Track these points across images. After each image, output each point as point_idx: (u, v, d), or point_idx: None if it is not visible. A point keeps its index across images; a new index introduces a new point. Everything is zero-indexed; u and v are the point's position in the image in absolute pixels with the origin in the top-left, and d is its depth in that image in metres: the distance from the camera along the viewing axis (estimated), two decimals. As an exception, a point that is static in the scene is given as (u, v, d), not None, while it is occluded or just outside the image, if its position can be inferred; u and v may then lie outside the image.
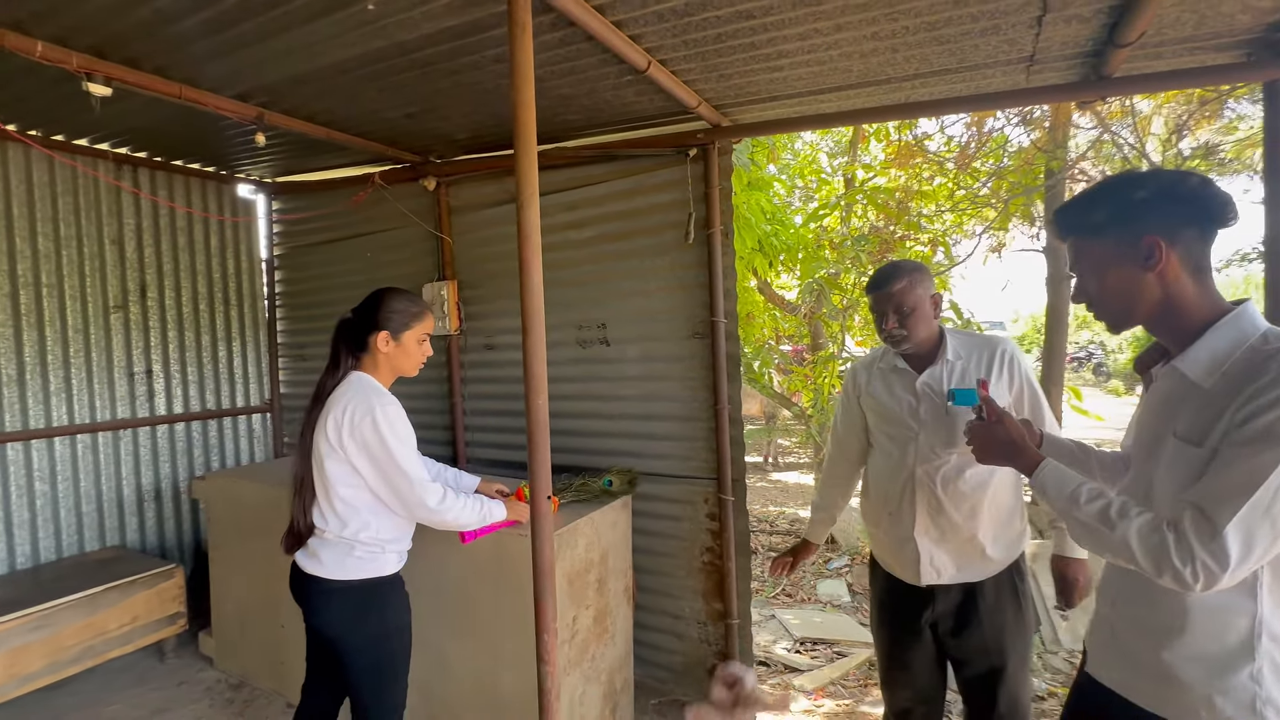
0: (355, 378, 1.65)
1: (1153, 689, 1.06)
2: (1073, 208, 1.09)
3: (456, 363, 3.31)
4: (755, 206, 4.70)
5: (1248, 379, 0.92)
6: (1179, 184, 0.99)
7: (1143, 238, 0.99)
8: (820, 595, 4.84)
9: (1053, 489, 1.08)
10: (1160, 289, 1.01)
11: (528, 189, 1.42)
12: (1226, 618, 0.99)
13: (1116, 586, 1.13)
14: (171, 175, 3.61)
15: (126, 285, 3.45)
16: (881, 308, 1.70)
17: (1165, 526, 0.93)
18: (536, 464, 1.42)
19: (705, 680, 2.64)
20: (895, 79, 2.00)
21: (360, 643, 1.62)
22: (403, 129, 2.76)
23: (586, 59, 1.92)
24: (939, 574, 1.69)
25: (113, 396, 3.39)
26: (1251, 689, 0.97)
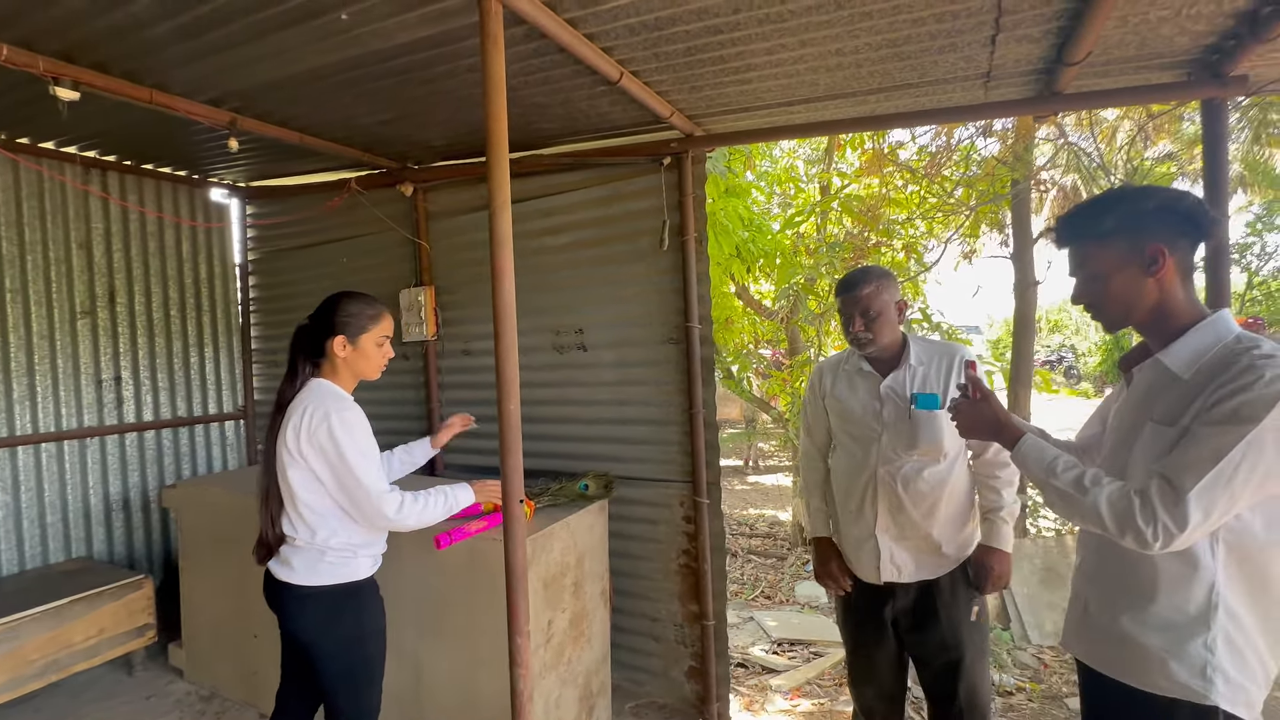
0: (314, 385, 1.64)
1: (1117, 656, 1.16)
2: (1081, 215, 1.18)
3: (434, 368, 3.30)
4: (733, 213, 4.76)
5: (1220, 370, 1.03)
6: (1179, 200, 1.11)
7: (1148, 245, 1.10)
8: (798, 597, 4.90)
9: (1033, 460, 1.18)
10: (1158, 292, 1.12)
11: (500, 197, 1.44)
12: (1188, 589, 1.08)
13: (1093, 564, 1.23)
14: (142, 179, 3.56)
15: (95, 290, 3.39)
16: (849, 310, 1.76)
17: (1133, 493, 1.04)
18: (509, 468, 1.44)
19: (682, 683, 2.68)
20: (861, 92, 2.07)
21: (334, 648, 1.62)
22: (379, 135, 2.76)
23: (560, 69, 1.95)
24: (899, 571, 1.75)
25: (79, 404, 3.32)
26: (1204, 656, 1.07)
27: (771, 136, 2.45)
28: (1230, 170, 10.49)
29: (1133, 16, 1.51)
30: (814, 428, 2.00)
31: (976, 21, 1.56)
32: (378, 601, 1.74)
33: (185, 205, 3.78)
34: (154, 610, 2.98)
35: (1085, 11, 1.42)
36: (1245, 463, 0.97)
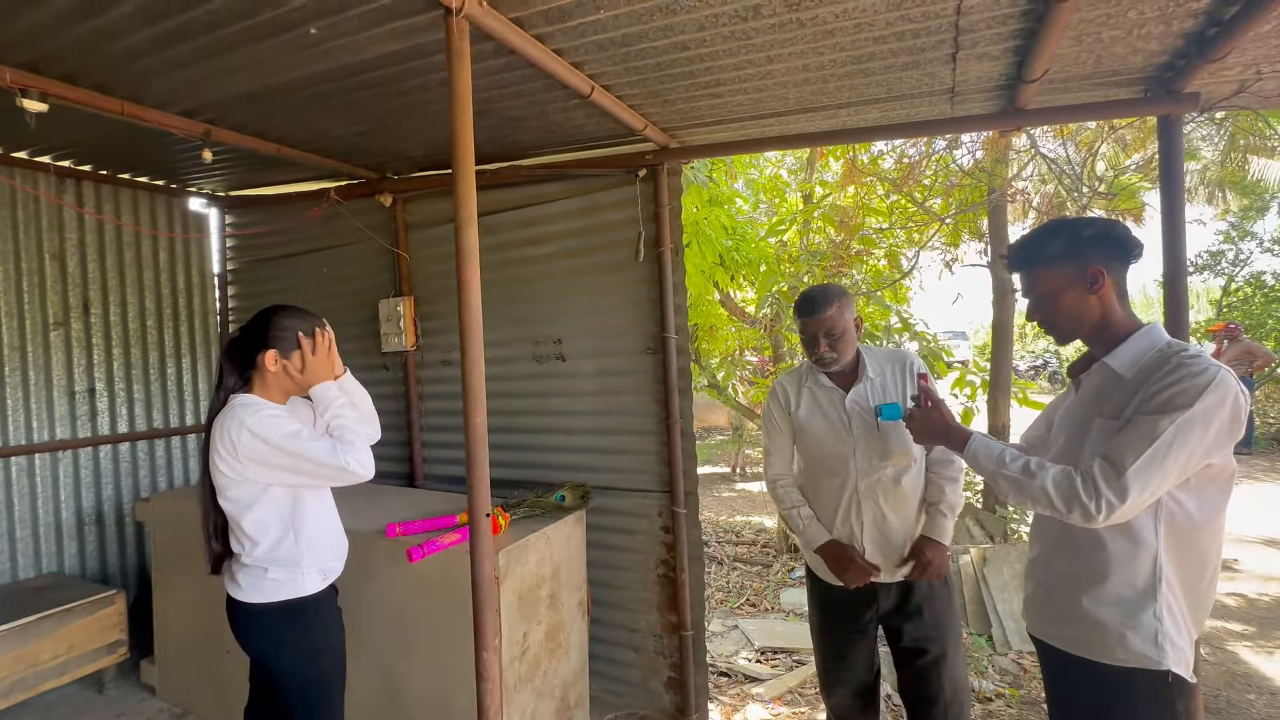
0: (235, 400, 1.58)
1: (1078, 634, 1.29)
2: (1028, 243, 1.35)
3: (414, 379, 3.29)
4: (716, 222, 4.80)
5: (1155, 369, 1.20)
6: (1112, 228, 1.28)
7: (1089, 267, 1.26)
8: (783, 604, 4.90)
9: (983, 455, 1.32)
10: (1100, 308, 1.28)
11: (466, 210, 1.45)
12: (1136, 565, 1.23)
13: (1049, 552, 1.37)
14: (118, 188, 3.52)
15: (68, 301, 3.35)
16: (813, 331, 1.79)
17: (1074, 472, 1.18)
18: (475, 480, 1.44)
19: (661, 694, 2.67)
20: (831, 106, 2.10)
21: (285, 665, 1.60)
22: (356, 146, 2.76)
23: (533, 83, 1.96)
24: (881, 574, 1.79)
25: (51, 417, 3.27)
26: (1154, 625, 1.21)
27: (745, 149, 2.48)
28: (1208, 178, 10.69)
29: (1087, 36, 1.55)
30: (783, 445, 2.00)
31: (936, 40, 1.60)
32: (331, 616, 1.70)
33: (163, 215, 3.75)
34: (126, 626, 2.93)
35: (1040, 31, 1.46)
36: (1176, 443, 1.12)
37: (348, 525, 2.30)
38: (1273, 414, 10.38)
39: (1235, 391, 1.14)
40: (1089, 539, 1.27)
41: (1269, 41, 1.56)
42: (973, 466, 1.35)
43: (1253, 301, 10.82)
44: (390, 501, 2.66)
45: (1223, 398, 1.12)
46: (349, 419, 1.60)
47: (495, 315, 3.03)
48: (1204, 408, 1.12)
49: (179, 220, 3.82)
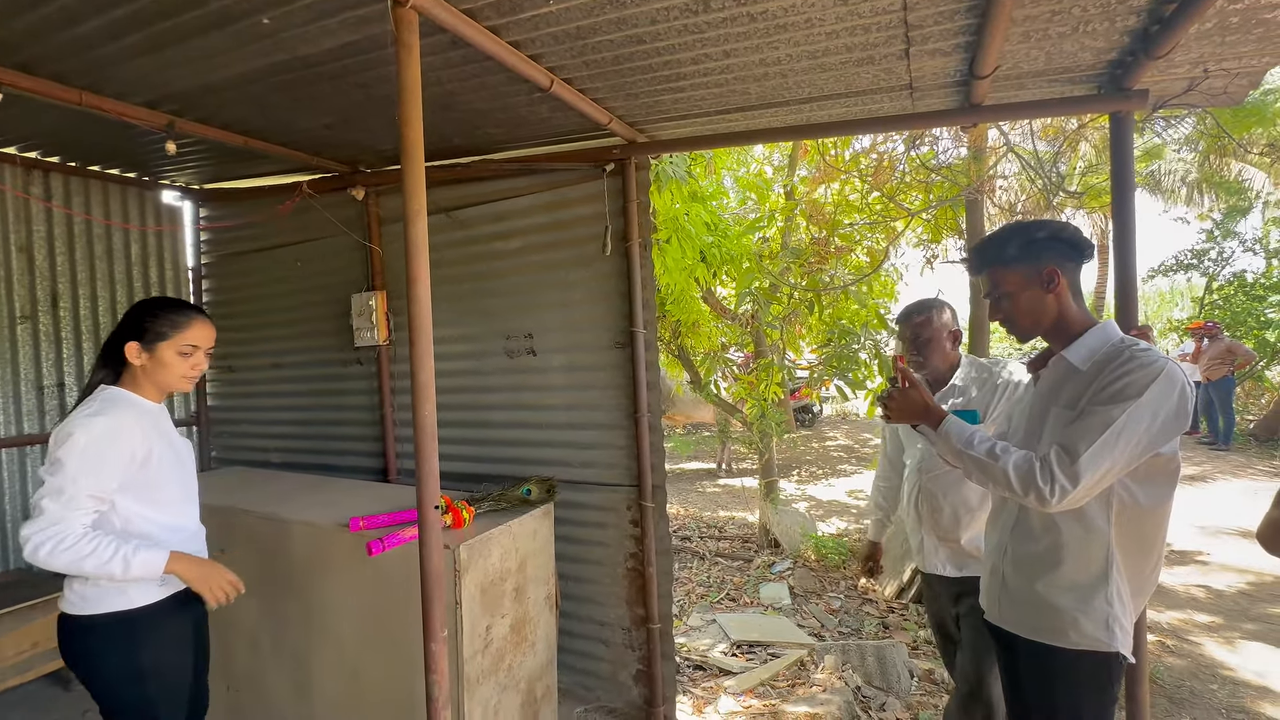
0: (102, 391, 1.49)
1: (1034, 619, 1.35)
2: (986, 246, 1.42)
3: (386, 374, 3.28)
4: (697, 219, 4.81)
5: (1108, 362, 1.27)
6: (1063, 230, 1.36)
7: (1044, 268, 1.34)
8: (762, 599, 4.93)
9: (954, 435, 1.37)
10: (1056, 307, 1.36)
11: (415, 203, 1.45)
12: (1089, 552, 1.29)
13: (1006, 538, 1.44)
14: (88, 180, 3.49)
15: (36, 295, 3.31)
16: (903, 336, 2.00)
17: (1034, 458, 1.25)
18: (424, 474, 1.44)
19: (630, 686, 2.68)
20: (793, 101, 2.11)
21: (103, 687, 1.46)
22: (324, 139, 2.74)
23: (493, 76, 1.96)
24: (941, 566, 1.99)
25: (18, 411, 3.24)
26: (1105, 610, 1.28)
27: (712, 144, 2.48)
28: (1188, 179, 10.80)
29: (1034, 32, 1.57)
30: (890, 450, 2.29)
31: (888, 35, 1.61)
32: (169, 633, 1.52)
33: (135, 208, 3.71)
34: (93, 622, 2.91)
35: (985, 26, 1.47)
36: (1126, 431, 1.18)
37: (311, 518, 2.31)
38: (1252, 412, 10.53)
39: (1182, 383, 1.20)
40: (1043, 525, 1.35)
41: (1213, 39, 1.58)
42: (943, 443, 1.40)
43: (1234, 300, 10.94)
44: (358, 495, 2.65)
45: (1169, 388, 1.19)
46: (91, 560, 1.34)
47: (467, 310, 3.03)
48: (1152, 397, 1.18)
49: (151, 213, 3.78)
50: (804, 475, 8.75)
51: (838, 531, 6.09)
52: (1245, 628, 3.81)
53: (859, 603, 4.75)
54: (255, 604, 2.41)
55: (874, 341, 4.22)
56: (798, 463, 9.53)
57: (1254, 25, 1.52)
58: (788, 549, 5.60)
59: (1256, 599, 4.22)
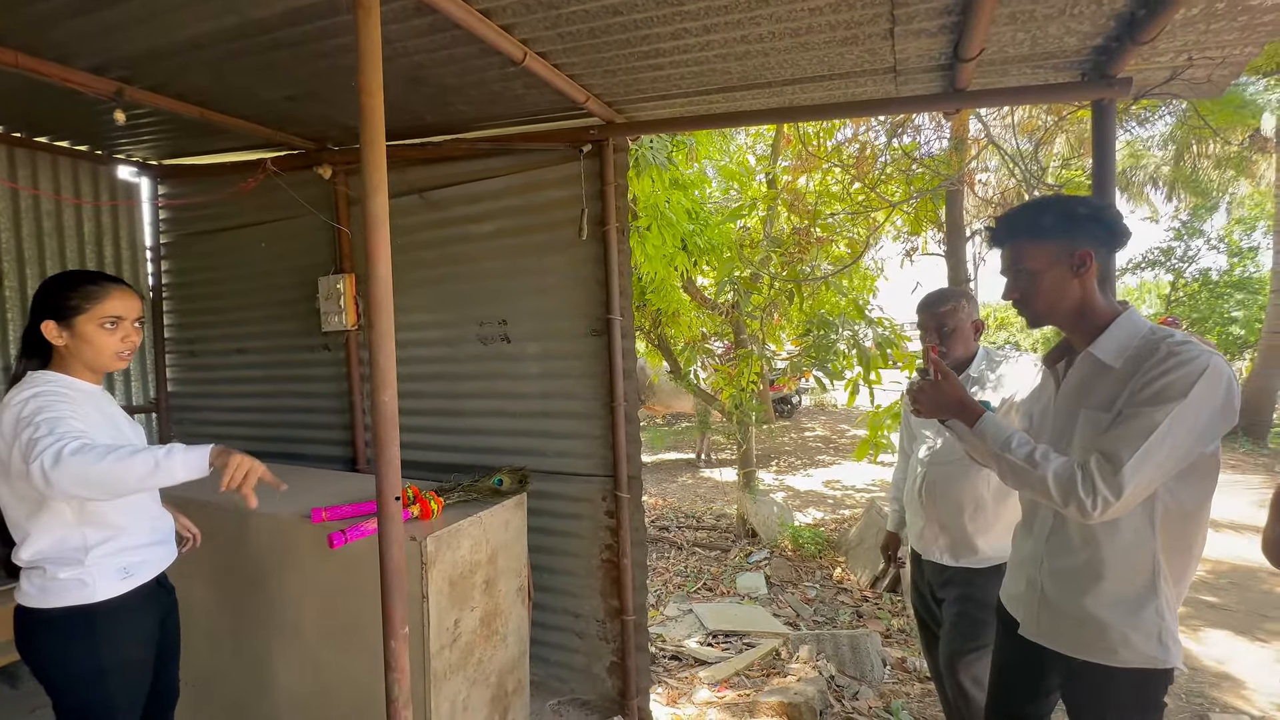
0: (29, 377, 1.39)
1: (1078, 635, 1.27)
2: (1020, 214, 1.30)
3: (355, 359, 3.17)
4: (678, 206, 4.74)
5: (1144, 358, 1.17)
6: (1105, 210, 1.25)
7: (1078, 249, 1.22)
8: (739, 588, 4.95)
9: (991, 435, 1.27)
10: (1080, 292, 1.25)
11: (375, 176, 1.37)
12: (1134, 562, 1.21)
13: (1042, 547, 1.34)
14: (35, 153, 3.29)
15: (-20, 267, 3.13)
16: (926, 325, 1.98)
17: (1076, 466, 1.15)
18: (384, 463, 1.37)
19: (604, 678, 2.65)
20: (775, 83, 2.05)
21: (60, 683, 1.40)
22: (287, 113, 2.61)
23: (464, 47, 1.87)
24: (939, 554, 2.00)
25: (-38, 396, 3.07)
26: (1157, 623, 1.20)
27: (692, 125, 2.41)
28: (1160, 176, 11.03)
29: (1020, 14, 1.53)
30: (903, 439, 2.31)
31: (873, 14, 1.56)
32: (126, 628, 1.44)
33: (87, 183, 3.52)
34: (43, 616, 2.78)
35: (973, 6, 1.43)
36: (1172, 435, 1.09)
37: (272, 509, 2.22)
38: (1213, 404, 10.84)
39: (1228, 377, 1.12)
40: (1082, 537, 1.25)
41: (1198, 27, 1.56)
42: (978, 442, 1.29)
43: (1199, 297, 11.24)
44: (323, 485, 2.56)
45: (1215, 385, 1.10)
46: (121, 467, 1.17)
47: (439, 294, 2.94)
48: (1197, 396, 1.09)
49: (105, 189, 3.59)
50: (782, 466, 8.81)
51: (814, 522, 6.13)
52: (1206, 615, 3.92)
53: (834, 592, 4.79)
54: (215, 597, 2.31)
55: (852, 333, 4.21)
56: (776, 453, 9.59)
57: (1239, 13, 1.50)
58: (765, 539, 5.62)
59: (1218, 587, 4.34)
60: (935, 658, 2.10)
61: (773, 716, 2.76)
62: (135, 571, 1.47)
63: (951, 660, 1.95)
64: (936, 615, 2.10)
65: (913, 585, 2.26)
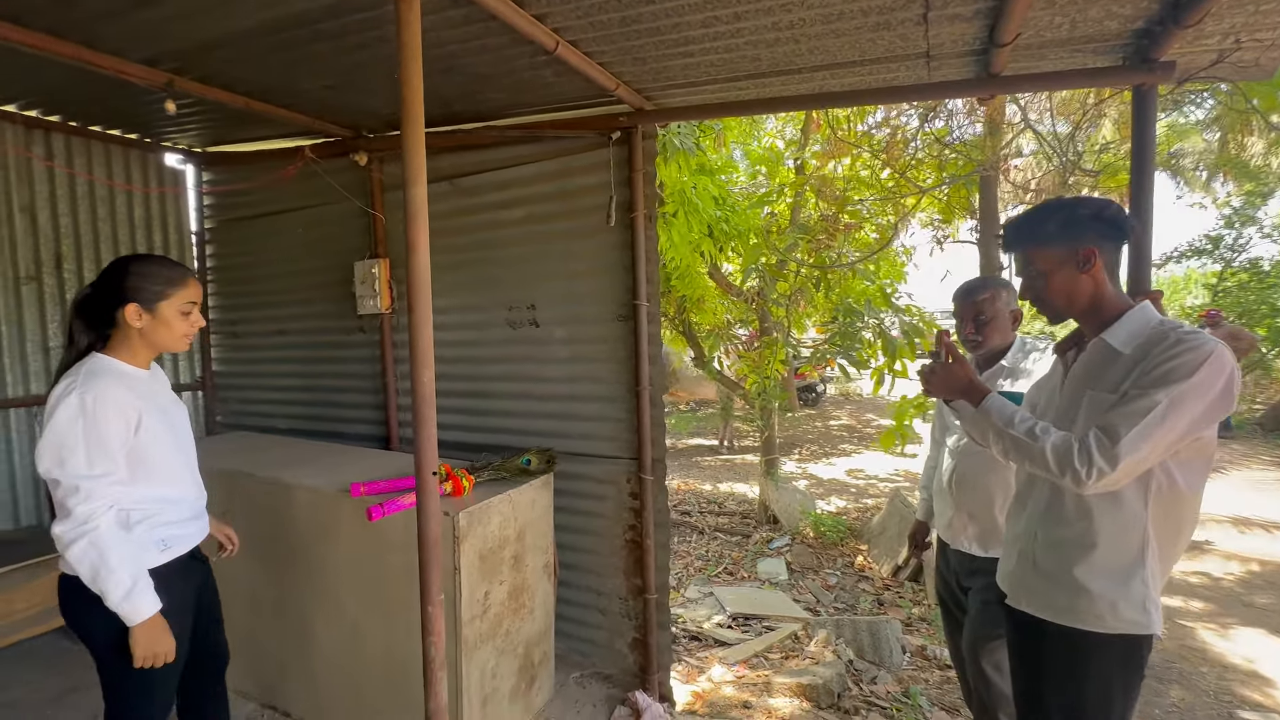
0: (90, 360, 1.46)
1: (1068, 603, 1.33)
2: (1024, 222, 1.38)
3: (389, 342, 3.28)
4: (704, 192, 4.73)
5: (1153, 345, 1.23)
6: (1105, 208, 1.30)
7: (1082, 248, 1.29)
8: (760, 573, 5.00)
9: (996, 412, 1.35)
10: (1092, 287, 1.32)
11: (415, 166, 1.42)
12: (1126, 535, 1.28)
13: (1036, 522, 1.41)
14: (90, 141, 3.44)
15: (40, 255, 3.30)
16: (963, 314, 1.97)
17: (1074, 440, 1.22)
18: (422, 439, 1.44)
19: (625, 654, 2.73)
20: (805, 69, 2.04)
21: (100, 647, 1.47)
22: (326, 102, 2.69)
23: (497, 38, 1.90)
24: (967, 544, 1.99)
25: (25, 371, 3.26)
26: (1142, 592, 1.27)
27: (722, 113, 2.42)
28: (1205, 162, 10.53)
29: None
30: (934, 427, 2.30)
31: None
32: (164, 597, 1.47)
33: (137, 170, 3.67)
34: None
35: (1009, -10, 1.41)
36: (1171, 414, 1.16)
37: (313, 484, 2.33)
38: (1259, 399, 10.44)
39: (1231, 366, 1.18)
40: (1078, 510, 1.33)
41: (1247, 8, 1.51)
42: (978, 422, 1.38)
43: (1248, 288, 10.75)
44: (360, 462, 2.67)
45: (1218, 371, 1.16)
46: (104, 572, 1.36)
47: (470, 279, 3.01)
48: (1200, 380, 1.15)
49: (154, 176, 3.75)
50: (806, 454, 8.79)
51: (837, 510, 6.13)
52: (1239, 613, 3.84)
53: (855, 580, 4.80)
54: (259, 567, 2.45)
55: (878, 321, 4.18)
56: (800, 441, 9.56)
57: (1291, -7, 1.45)
58: (786, 526, 5.65)
59: (1253, 586, 4.24)
60: (958, 643, 2.11)
61: (790, 696, 2.81)
62: (173, 545, 1.56)
63: (974, 645, 1.96)
64: (962, 602, 2.10)
65: (938, 573, 2.27)
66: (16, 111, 3.09)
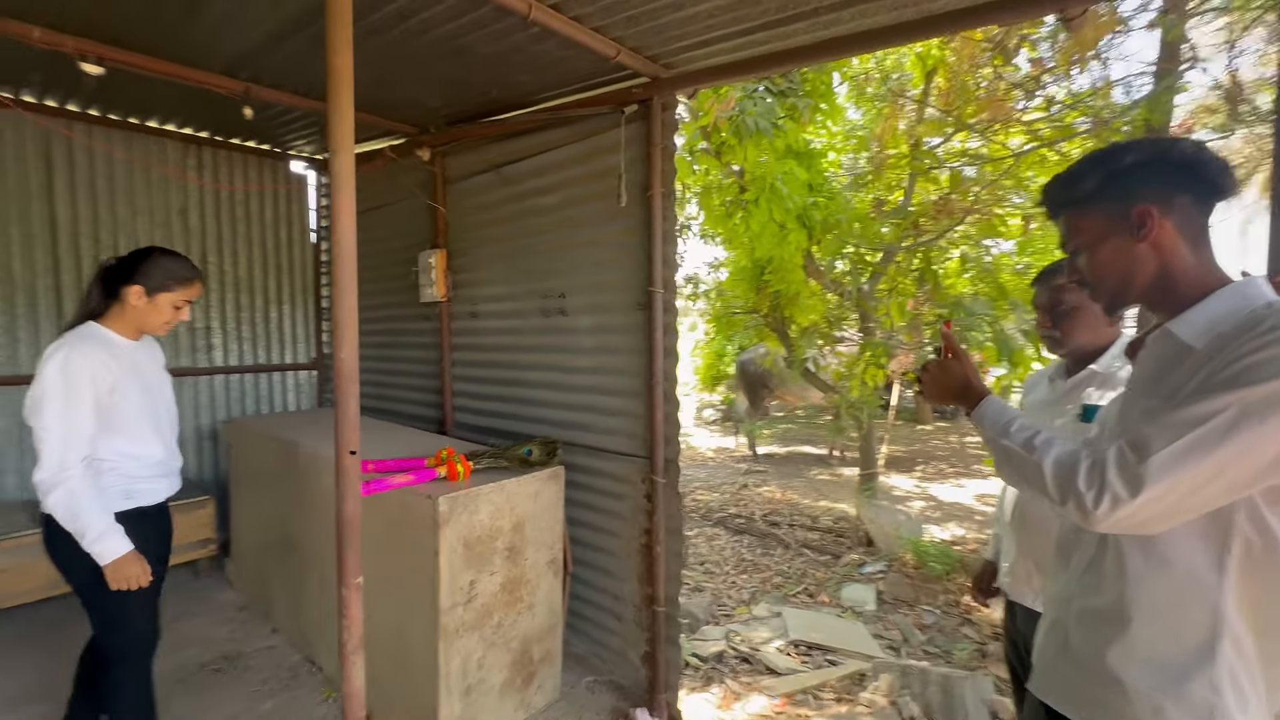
0: (85, 327, 1.66)
1: (1093, 696, 0.97)
2: (1059, 181, 1.04)
3: (447, 330, 3.41)
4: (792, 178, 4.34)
5: (1239, 334, 0.84)
6: (1170, 149, 0.93)
7: (1134, 207, 0.94)
8: (843, 599, 4.48)
9: (989, 419, 1.04)
10: (1156, 261, 0.95)
11: (338, 136, 1.40)
12: (1181, 609, 0.89)
13: (1074, 589, 1.04)
14: (232, 153, 4.04)
15: (190, 251, 3.93)
16: (1037, 303, 1.61)
17: (1084, 454, 0.88)
18: (342, 416, 1.42)
19: (638, 666, 2.55)
20: (821, 9, 1.71)
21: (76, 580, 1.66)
22: (381, 100, 2.85)
23: (475, 12, 1.84)
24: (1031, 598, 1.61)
25: (177, 348, 3.90)
26: (1209, 700, 0.87)
27: (746, 71, 2.11)
28: None
29: None
30: None
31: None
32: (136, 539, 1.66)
33: (269, 177, 4.24)
34: (214, 527, 3.46)
35: None
36: (1239, 431, 0.78)
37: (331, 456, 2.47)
38: None
39: None
40: (1117, 565, 0.95)
41: None
42: (977, 429, 1.10)
43: None
44: (401, 441, 2.80)
45: None
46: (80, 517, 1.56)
47: (511, 267, 3.02)
48: None
49: (282, 181, 4.30)
50: (930, 471, 7.79)
51: (951, 539, 5.32)
52: None
53: (958, 622, 4.11)
54: (304, 530, 2.66)
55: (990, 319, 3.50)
56: (927, 457, 8.51)
57: None
58: (883, 550, 5.02)
59: None
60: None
61: (823, 747, 2.44)
62: (135, 496, 1.75)
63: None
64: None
65: (1004, 631, 1.81)
66: (175, 129, 3.71)
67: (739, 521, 5.98)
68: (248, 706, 2.42)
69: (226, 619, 3.08)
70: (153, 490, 1.82)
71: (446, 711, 2.08)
